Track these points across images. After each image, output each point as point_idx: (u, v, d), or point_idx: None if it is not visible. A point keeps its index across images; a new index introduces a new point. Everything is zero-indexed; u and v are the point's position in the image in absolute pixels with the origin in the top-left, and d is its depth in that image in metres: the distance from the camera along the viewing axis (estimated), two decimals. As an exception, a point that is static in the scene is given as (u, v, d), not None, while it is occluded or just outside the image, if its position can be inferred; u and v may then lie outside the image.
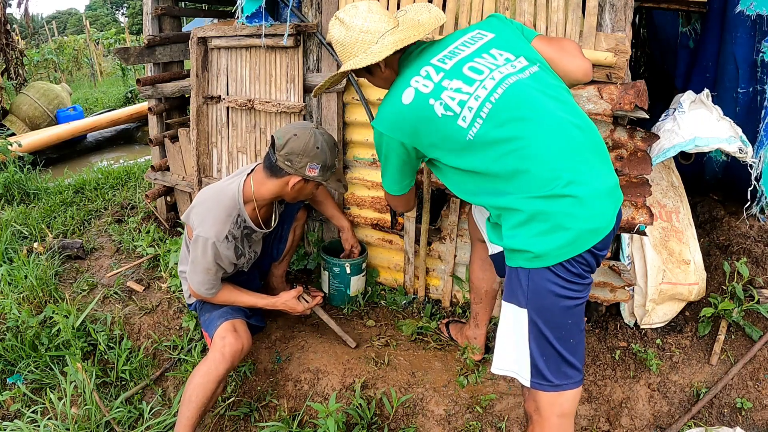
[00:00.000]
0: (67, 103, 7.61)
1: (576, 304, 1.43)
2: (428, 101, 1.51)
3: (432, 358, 2.32)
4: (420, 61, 1.60)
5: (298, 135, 1.97)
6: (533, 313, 1.43)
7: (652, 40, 3.61)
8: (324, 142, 2.01)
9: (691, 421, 2.02)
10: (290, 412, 2.10)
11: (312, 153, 1.98)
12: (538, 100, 1.44)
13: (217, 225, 2.01)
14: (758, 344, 2.21)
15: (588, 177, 1.38)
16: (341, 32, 1.66)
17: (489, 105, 1.45)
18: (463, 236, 2.52)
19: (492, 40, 1.59)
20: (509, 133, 1.43)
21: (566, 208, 1.36)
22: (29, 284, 2.74)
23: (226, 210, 2.04)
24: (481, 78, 1.49)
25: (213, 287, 2.09)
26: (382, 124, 1.62)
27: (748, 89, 2.77)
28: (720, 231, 2.87)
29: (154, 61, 3.24)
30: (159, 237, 3.27)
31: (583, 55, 1.68)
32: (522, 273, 1.43)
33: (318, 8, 2.51)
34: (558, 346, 1.42)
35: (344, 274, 2.60)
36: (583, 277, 1.42)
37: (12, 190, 4.35)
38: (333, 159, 2.05)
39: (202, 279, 2.06)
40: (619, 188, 1.48)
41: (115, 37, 15.30)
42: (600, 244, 1.39)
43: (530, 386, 1.47)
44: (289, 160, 1.97)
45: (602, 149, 1.48)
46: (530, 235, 1.39)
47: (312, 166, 1.99)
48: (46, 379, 2.35)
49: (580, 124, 1.44)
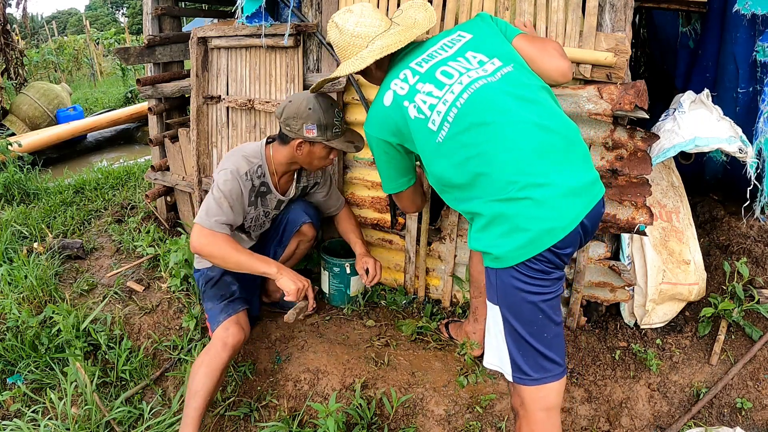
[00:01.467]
0: (67, 103, 7.61)
1: (544, 299, 1.45)
2: (403, 103, 1.59)
3: (432, 358, 2.32)
4: (402, 64, 1.66)
5: (293, 100, 2.09)
6: (504, 309, 1.48)
7: (652, 40, 3.61)
8: (317, 103, 2.06)
9: (691, 421, 2.02)
10: (290, 412, 2.10)
11: (305, 114, 2.05)
12: (503, 103, 1.47)
13: (238, 162, 2.15)
14: (758, 344, 2.21)
15: (551, 178, 1.40)
16: (336, 35, 1.74)
17: (455, 110, 1.50)
18: (462, 236, 2.52)
19: (468, 42, 1.63)
20: (472, 138, 1.47)
21: (523, 210, 1.39)
22: (29, 284, 2.74)
23: (246, 157, 2.18)
24: (450, 82, 1.53)
25: (216, 217, 2.02)
26: (369, 125, 1.72)
27: (748, 89, 2.77)
28: (720, 231, 2.87)
29: (154, 61, 3.24)
30: (159, 237, 3.27)
31: (565, 56, 1.70)
32: (491, 272, 1.49)
33: (318, 8, 2.51)
34: (532, 341, 1.45)
35: (344, 274, 2.60)
36: (548, 273, 1.44)
37: (12, 190, 4.35)
38: (330, 118, 2.08)
39: (208, 208, 2.05)
40: (597, 184, 1.48)
41: (115, 37, 15.32)
42: (561, 243, 1.41)
43: (512, 380, 1.50)
44: (288, 124, 2.09)
45: (576, 147, 1.48)
46: (491, 237, 1.45)
47: (308, 127, 2.07)
48: (46, 379, 2.35)
49: (548, 125, 1.45)
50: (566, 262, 1.48)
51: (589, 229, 1.49)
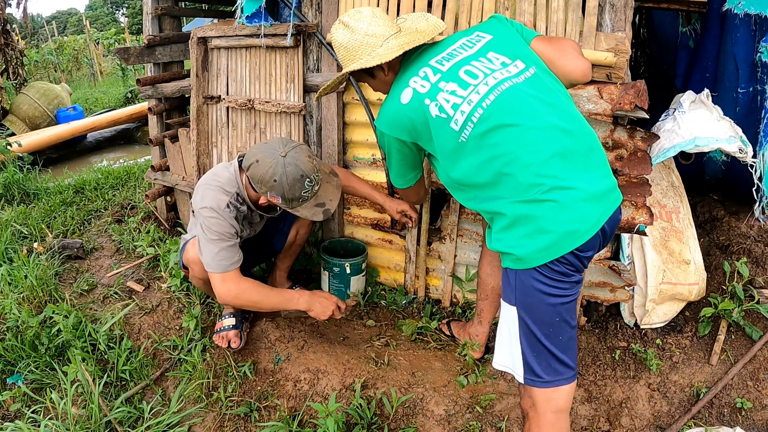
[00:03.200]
0: (67, 103, 7.61)
1: (562, 301, 1.45)
2: (424, 101, 1.57)
3: (432, 358, 2.32)
4: (419, 62, 1.65)
5: (260, 162, 1.94)
6: (521, 310, 1.48)
7: (652, 40, 3.61)
8: (285, 174, 1.93)
9: (691, 421, 2.02)
10: (290, 412, 2.10)
11: (269, 184, 1.95)
12: (529, 105, 1.47)
13: (218, 197, 2.02)
14: (758, 344, 2.21)
15: (573, 182, 1.41)
16: (345, 35, 1.71)
17: (480, 110, 1.49)
18: (463, 236, 2.52)
19: (489, 43, 1.63)
20: (497, 139, 1.47)
21: (547, 212, 1.39)
22: (29, 284, 2.74)
23: (224, 188, 2.05)
24: (476, 82, 1.52)
25: (224, 261, 1.98)
26: (382, 123, 1.69)
27: (748, 89, 2.77)
28: (720, 231, 2.87)
29: (154, 61, 3.24)
30: (159, 237, 3.27)
31: (582, 55, 1.70)
32: (510, 273, 1.49)
33: (318, 8, 2.51)
34: (547, 343, 1.46)
35: (344, 274, 2.60)
36: (568, 276, 1.45)
37: (12, 190, 4.34)
38: (296, 191, 1.97)
39: (212, 253, 1.97)
40: (615, 191, 1.50)
41: (115, 37, 15.31)
42: (583, 246, 1.42)
43: (523, 382, 1.51)
44: (253, 181, 1.99)
45: (595, 153, 1.49)
46: (514, 238, 1.45)
47: (272, 195, 1.98)
48: (46, 379, 2.35)
49: (571, 129, 1.46)
50: (586, 266, 1.49)
51: (608, 234, 1.50)
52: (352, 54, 1.71)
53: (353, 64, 1.70)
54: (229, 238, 2.00)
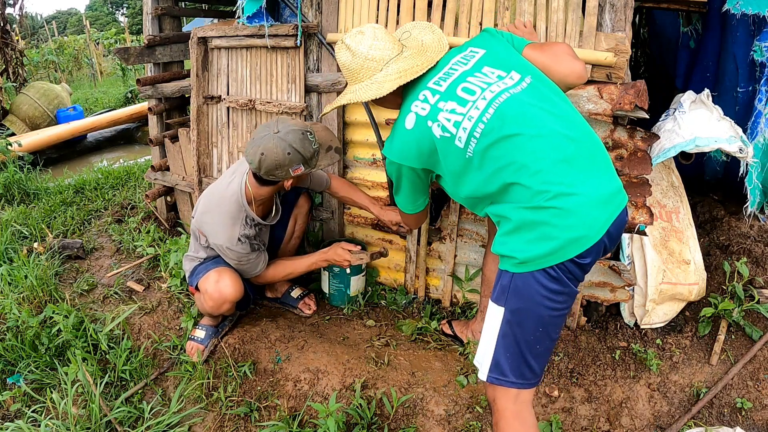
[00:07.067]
0: (67, 103, 7.61)
1: (551, 314, 1.45)
2: (426, 123, 1.58)
3: (432, 358, 2.32)
4: (419, 85, 1.67)
5: (265, 153, 1.99)
6: (509, 313, 1.48)
7: (652, 40, 3.61)
8: (290, 143, 2.00)
9: (691, 421, 2.02)
10: (290, 412, 2.10)
11: (287, 161, 2.01)
12: (530, 114, 1.48)
13: (227, 231, 2.17)
14: (758, 344, 2.21)
15: (579, 188, 1.41)
16: (347, 57, 1.73)
17: (482, 125, 1.50)
18: (463, 236, 2.52)
19: (483, 57, 1.64)
20: (501, 150, 1.48)
21: (552, 218, 1.39)
22: (29, 284, 2.74)
23: (232, 218, 2.18)
24: (474, 98, 1.54)
25: (258, 266, 2.31)
26: (391, 153, 1.70)
27: (747, 88, 2.77)
28: (720, 231, 2.87)
29: (154, 61, 3.24)
30: (159, 237, 3.27)
31: (576, 56, 1.70)
32: (506, 275, 1.49)
33: (318, 8, 2.51)
34: (524, 349, 1.47)
35: (344, 274, 2.60)
36: (564, 285, 1.44)
37: (12, 190, 4.35)
38: (308, 147, 2.04)
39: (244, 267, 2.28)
40: (621, 192, 1.49)
41: (115, 37, 15.31)
42: (585, 252, 1.42)
43: (486, 380, 1.51)
44: (272, 174, 2.05)
45: (599, 158, 1.49)
46: (518, 242, 1.45)
47: (295, 168, 2.04)
48: (46, 379, 2.35)
49: (574, 136, 1.47)
50: (586, 271, 1.49)
51: (614, 237, 1.50)
52: (354, 76, 1.74)
53: (351, 95, 1.74)
54: (250, 254, 2.24)
